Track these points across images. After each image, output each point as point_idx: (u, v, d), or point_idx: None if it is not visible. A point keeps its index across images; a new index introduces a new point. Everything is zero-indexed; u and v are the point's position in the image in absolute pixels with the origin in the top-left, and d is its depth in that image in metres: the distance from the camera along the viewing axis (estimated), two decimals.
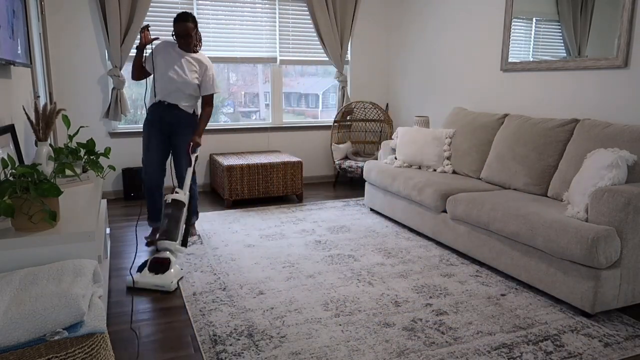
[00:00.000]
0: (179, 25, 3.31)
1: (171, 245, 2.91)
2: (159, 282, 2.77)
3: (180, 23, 3.31)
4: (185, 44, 3.36)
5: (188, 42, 3.36)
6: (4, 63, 2.51)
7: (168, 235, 2.93)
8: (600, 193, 2.49)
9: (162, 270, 2.82)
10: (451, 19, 4.74)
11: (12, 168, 1.93)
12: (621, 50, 3.15)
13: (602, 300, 2.43)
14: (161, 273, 2.80)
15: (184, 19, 3.31)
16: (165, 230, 2.95)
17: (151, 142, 3.47)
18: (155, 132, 3.47)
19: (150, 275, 2.80)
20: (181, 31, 3.31)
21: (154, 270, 2.82)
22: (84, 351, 1.48)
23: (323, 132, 5.76)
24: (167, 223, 2.97)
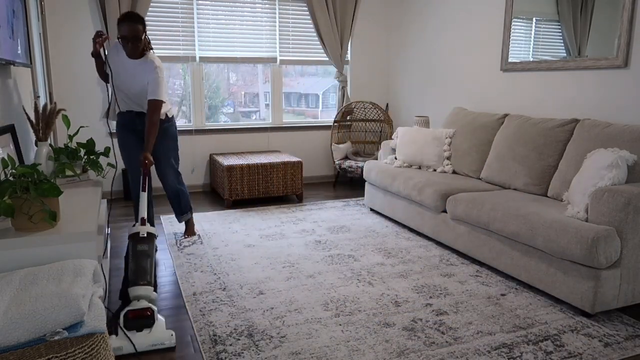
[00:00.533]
0: (127, 27, 2.87)
1: (148, 291, 2.26)
2: (154, 339, 2.19)
3: (128, 24, 2.86)
4: (134, 48, 2.92)
5: (136, 47, 2.93)
6: (4, 63, 2.51)
7: (145, 278, 2.29)
8: (600, 193, 2.49)
9: (147, 324, 2.19)
10: (451, 19, 4.74)
11: (12, 168, 1.93)
12: (621, 50, 3.15)
13: (602, 300, 2.43)
14: (148, 328, 2.20)
15: (133, 20, 2.88)
16: (140, 272, 2.31)
17: (130, 141, 3.24)
18: (132, 135, 3.26)
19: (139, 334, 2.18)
20: (129, 33, 2.87)
21: (135, 327, 2.18)
22: (84, 351, 1.48)
23: (323, 132, 5.76)
24: (142, 263, 2.35)
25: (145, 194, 2.78)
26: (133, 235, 2.45)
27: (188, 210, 3.63)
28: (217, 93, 5.46)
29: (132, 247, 2.40)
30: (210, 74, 5.34)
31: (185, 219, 3.65)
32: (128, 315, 2.17)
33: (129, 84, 3.06)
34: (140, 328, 2.18)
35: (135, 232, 2.46)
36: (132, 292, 2.25)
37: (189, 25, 4.95)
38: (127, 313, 2.17)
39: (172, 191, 3.48)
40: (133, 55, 2.98)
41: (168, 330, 2.24)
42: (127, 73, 3.03)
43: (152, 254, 2.41)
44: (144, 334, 2.18)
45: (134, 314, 2.18)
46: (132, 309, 2.19)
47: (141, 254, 2.37)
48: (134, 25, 2.87)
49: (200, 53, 5.04)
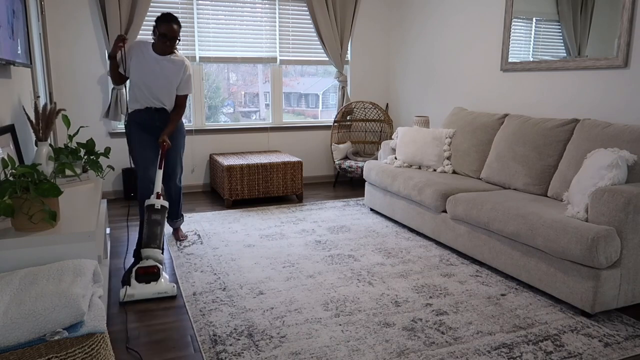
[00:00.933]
0: (168, 27, 3.09)
1: (157, 253, 2.78)
2: (159, 289, 2.67)
3: (169, 24, 3.09)
4: (170, 47, 3.15)
5: (172, 45, 3.15)
6: (4, 63, 2.51)
7: (156, 242, 2.80)
8: (600, 193, 2.49)
9: (154, 278, 2.70)
10: (451, 19, 4.75)
11: (12, 168, 1.93)
12: (621, 50, 3.15)
13: (602, 300, 2.43)
14: (154, 281, 2.69)
15: (174, 21, 3.12)
16: (152, 237, 2.81)
17: (144, 139, 3.27)
18: (148, 134, 3.29)
19: (146, 286, 2.67)
20: (171, 33, 3.10)
21: (144, 281, 2.68)
22: (84, 351, 1.48)
23: (323, 132, 5.76)
24: (155, 230, 2.83)
25: (161, 171, 3.11)
26: (149, 207, 2.89)
27: (181, 215, 3.69)
28: (217, 93, 5.46)
29: (148, 216, 2.86)
30: (210, 74, 5.34)
31: (179, 224, 3.69)
32: (139, 271, 2.69)
33: (156, 79, 3.18)
34: (148, 281, 2.69)
35: (151, 204, 2.90)
36: (144, 252, 2.76)
37: (189, 25, 4.95)
38: (138, 269, 2.69)
39: (175, 191, 3.51)
40: (165, 53, 3.18)
41: (171, 283, 2.76)
42: (154, 69, 3.17)
43: (163, 223, 2.89)
44: (151, 285, 2.68)
45: (142, 270, 2.69)
46: (142, 266, 2.70)
47: (154, 222, 2.85)
48: (176, 27, 3.13)
49: (200, 53, 5.04)
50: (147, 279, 2.69)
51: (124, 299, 2.62)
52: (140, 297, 2.64)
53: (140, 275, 2.69)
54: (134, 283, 2.67)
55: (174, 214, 3.60)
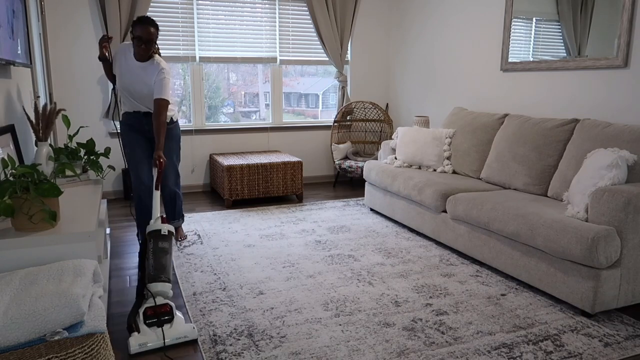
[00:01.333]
0: (142, 29, 2.98)
1: (166, 288, 2.27)
2: (178, 333, 2.23)
3: (144, 26, 2.98)
4: (145, 50, 3.03)
5: (148, 49, 3.03)
6: (4, 63, 2.51)
7: (165, 274, 2.30)
8: (600, 193, 2.49)
9: (167, 320, 2.24)
10: (451, 19, 4.75)
11: (12, 168, 1.93)
12: (621, 50, 3.15)
13: (602, 300, 2.43)
14: (168, 324, 2.24)
15: (149, 23, 3.00)
16: (160, 269, 2.30)
17: (135, 139, 3.26)
18: (138, 135, 3.30)
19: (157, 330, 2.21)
20: (145, 35, 2.98)
21: (155, 323, 2.22)
22: (84, 351, 1.48)
23: (323, 132, 5.76)
24: (162, 260, 2.34)
25: (159, 193, 2.79)
26: (154, 233, 2.42)
27: (180, 217, 3.64)
28: (217, 93, 5.46)
29: (153, 244, 2.38)
30: (210, 74, 5.34)
31: (176, 225, 3.64)
32: (148, 312, 2.21)
33: (135, 85, 3.13)
34: (160, 324, 2.22)
35: (156, 229, 2.43)
36: (152, 288, 2.25)
37: (189, 25, 4.95)
38: (146, 310, 2.21)
39: (169, 193, 3.48)
40: (142, 58, 3.08)
41: (188, 323, 2.31)
42: (133, 74, 3.12)
43: (171, 251, 2.43)
44: (165, 329, 2.22)
45: (153, 310, 2.22)
46: (150, 306, 2.22)
47: (161, 251, 2.37)
48: (150, 28, 3.00)
49: (200, 53, 5.04)
50: (159, 320, 2.22)
51: (135, 350, 2.14)
52: (154, 345, 2.18)
53: (149, 317, 2.21)
54: (144, 329, 2.19)
55: (170, 215, 3.56)
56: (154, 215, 2.62)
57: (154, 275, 2.27)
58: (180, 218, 3.65)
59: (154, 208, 2.70)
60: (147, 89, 3.12)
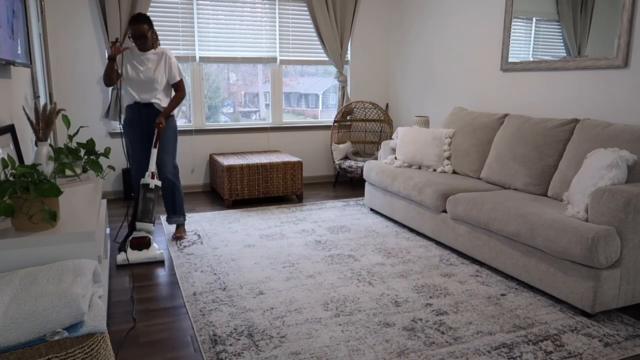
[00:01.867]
0: (134, 27, 3.34)
1: (149, 227, 3.26)
2: (149, 255, 3.21)
3: (135, 25, 3.34)
4: (142, 44, 3.39)
5: (144, 43, 3.39)
6: (4, 63, 2.51)
7: (148, 217, 3.26)
8: (600, 193, 2.49)
9: (145, 247, 3.23)
10: (451, 19, 4.75)
11: (12, 168, 1.93)
12: (621, 50, 3.15)
13: (602, 300, 2.43)
14: (146, 249, 3.23)
15: (139, 20, 3.35)
16: (146, 213, 3.26)
17: (136, 137, 3.53)
18: (137, 130, 3.52)
19: (138, 253, 3.20)
20: (136, 32, 3.34)
21: (137, 248, 3.22)
22: (84, 351, 1.48)
23: (323, 132, 5.76)
24: (148, 206, 3.27)
25: (156, 151, 3.41)
26: (144, 185, 3.31)
27: (182, 214, 3.70)
28: (217, 93, 5.46)
29: (143, 193, 3.30)
30: (210, 74, 5.34)
31: (177, 221, 3.69)
32: (133, 241, 3.23)
33: (145, 72, 3.44)
34: (140, 249, 3.24)
35: (146, 183, 3.31)
36: (138, 225, 3.25)
37: (189, 25, 4.95)
38: (132, 239, 3.23)
39: (167, 183, 3.56)
40: (144, 49, 3.43)
41: (159, 251, 3.28)
42: (143, 64, 3.44)
43: (156, 200, 3.33)
44: (143, 252, 3.23)
45: (135, 240, 3.24)
46: (136, 236, 3.24)
47: (148, 200, 3.29)
48: (139, 25, 3.34)
49: (200, 53, 5.04)
50: (140, 247, 3.23)
51: (120, 263, 3.16)
52: (134, 261, 3.18)
53: (134, 245, 3.22)
54: (129, 250, 3.21)
55: (170, 209, 3.66)
56: (150, 169, 3.36)
57: (140, 216, 3.27)
58: (182, 215, 3.70)
59: (150, 164, 3.38)
60: (155, 74, 3.43)
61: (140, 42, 3.37)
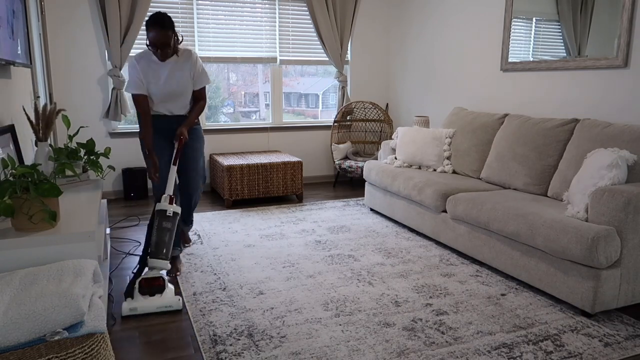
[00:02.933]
0: (156, 34, 2.69)
1: (165, 265, 2.61)
2: (164, 302, 2.53)
3: (157, 31, 2.69)
4: (164, 54, 2.78)
5: (166, 52, 2.78)
6: (4, 63, 2.51)
7: (164, 252, 2.61)
8: (600, 193, 2.49)
9: (158, 291, 2.55)
10: (451, 18, 4.75)
11: (12, 168, 1.93)
12: (621, 50, 3.15)
13: (602, 300, 2.43)
14: (159, 294, 2.55)
15: (163, 26, 2.70)
16: (161, 247, 2.61)
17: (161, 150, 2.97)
18: (162, 139, 3.01)
19: (149, 299, 2.53)
20: (158, 41, 2.71)
21: (148, 293, 2.54)
22: (84, 351, 1.48)
23: (323, 132, 5.76)
24: (164, 238, 2.62)
25: (175, 168, 2.82)
26: (160, 212, 2.65)
27: (191, 222, 3.41)
28: (217, 93, 5.46)
29: (158, 222, 2.63)
30: (210, 74, 5.33)
31: (186, 230, 3.47)
32: (142, 283, 2.55)
33: (169, 85, 2.89)
34: (152, 293, 2.55)
35: (163, 209, 2.65)
36: (150, 262, 2.59)
37: (189, 25, 4.95)
38: (141, 281, 2.55)
39: (192, 202, 3.16)
40: (165, 59, 2.83)
41: (176, 296, 2.58)
42: (165, 76, 2.88)
43: (174, 231, 2.67)
44: (156, 298, 2.54)
45: (148, 282, 2.55)
46: (146, 277, 2.56)
47: (165, 230, 2.63)
48: (164, 32, 2.70)
49: (200, 53, 5.04)
50: (152, 291, 2.54)
51: (125, 313, 2.49)
52: (142, 311, 2.51)
53: (143, 288, 2.54)
54: (137, 296, 2.53)
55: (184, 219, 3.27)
56: (167, 191, 2.76)
57: (154, 251, 2.60)
58: (190, 223, 3.43)
59: (168, 184, 2.78)
60: (182, 86, 2.92)
61: (162, 52, 2.76)
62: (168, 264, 2.61)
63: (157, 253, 2.60)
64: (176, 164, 2.84)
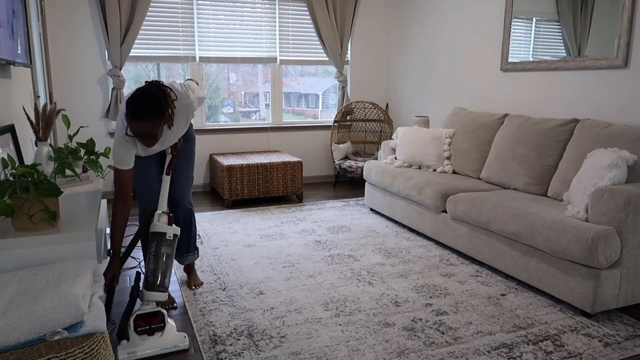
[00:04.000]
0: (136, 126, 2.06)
1: (162, 297, 2.17)
2: (167, 342, 2.15)
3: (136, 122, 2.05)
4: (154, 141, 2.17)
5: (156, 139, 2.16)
6: (4, 63, 2.51)
7: (163, 284, 2.18)
8: (600, 193, 2.49)
9: (159, 329, 2.16)
10: (451, 18, 4.75)
11: (12, 168, 1.93)
12: (621, 50, 3.15)
13: (602, 300, 2.43)
14: (160, 332, 2.16)
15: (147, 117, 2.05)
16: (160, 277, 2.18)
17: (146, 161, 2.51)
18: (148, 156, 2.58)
19: (149, 339, 2.14)
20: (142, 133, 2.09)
21: (146, 332, 2.13)
22: (84, 351, 1.48)
23: (323, 132, 5.76)
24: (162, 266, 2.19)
25: (169, 179, 2.39)
26: (157, 235, 2.21)
27: (195, 250, 2.85)
28: (217, 93, 5.46)
29: (156, 247, 2.20)
30: (210, 74, 5.34)
31: (191, 259, 2.85)
32: (138, 321, 2.13)
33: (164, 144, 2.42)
34: (151, 332, 2.15)
35: (161, 231, 2.21)
36: (147, 296, 2.15)
37: (189, 25, 4.95)
38: (136, 318, 2.13)
39: (183, 213, 2.70)
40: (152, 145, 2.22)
41: (180, 332, 2.23)
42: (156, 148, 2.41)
43: (173, 256, 2.26)
44: (156, 338, 2.15)
45: (144, 319, 2.14)
46: (142, 313, 2.14)
47: (163, 257, 2.21)
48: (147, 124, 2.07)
49: (200, 53, 5.04)
50: (151, 330, 2.14)
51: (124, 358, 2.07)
52: (143, 355, 2.10)
53: (140, 326, 2.13)
54: (134, 337, 2.12)
55: (184, 246, 2.77)
56: (160, 207, 2.33)
57: (151, 281, 2.17)
58: (195, 251, 2.85)
59: (161, 198, 2.36)
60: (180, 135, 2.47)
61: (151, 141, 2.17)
62: (166, 296, 2.20)
63: (154, 285, 2.16)
64: (169, 173, 2.40)
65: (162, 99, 2.11)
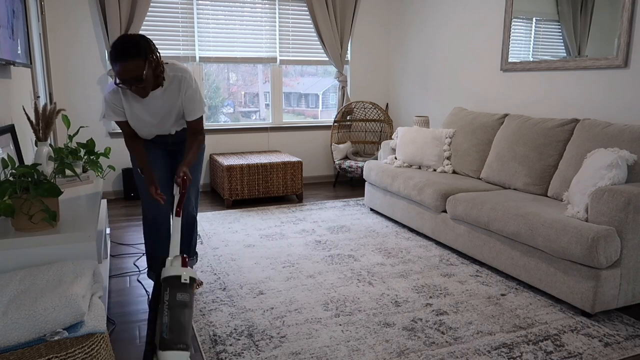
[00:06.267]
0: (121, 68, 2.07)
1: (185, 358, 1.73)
2: None
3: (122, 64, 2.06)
4: (142, 88, 2.17)
5: (142, 88, 2.17)
6: (4, 63, 2.51)
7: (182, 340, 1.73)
8: (600, 193, 2.49)
9: None
10: (451, 18, 4.75)
11: (12, 168, 1.93)
12: (621, 50, 3.15)
13: (602, 300, 2.43)
14: None
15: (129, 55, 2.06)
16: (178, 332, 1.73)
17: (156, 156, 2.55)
18: (158, 146, 2.62)
19: None
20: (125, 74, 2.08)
21: None
22: (84, 351, 1.48)
23: (323, 132, 5.76)
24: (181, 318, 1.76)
25: (179, 221, 2.08)
26: (171, 280, 1.82)
27: (195, 254, 2.91)
28: (217, 93, 5.46)
29: (170, 295, 1.80)
30: (210, 74, 5.34)
31: (191, 264, 2.88)
32: None
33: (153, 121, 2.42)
34: None
35: (176, 275, 1.83)
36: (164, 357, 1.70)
37: (189, 25, 4.95)
38: None
39: (188, 219, 2.76)
40: (146, 95, 2.22)
41: None
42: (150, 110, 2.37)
43: (192, 304, 1.85)
44: None
45: None
46: None
47: (180, 306, 1.79)
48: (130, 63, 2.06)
49: (200, 53, 5.04)
50: None
51: None
52: None
53: None
54: None
55: (184, 250, 2.84)
56: (173, 252, 1.99)
57: (169, 340, 1.71)
58: (195, 256, 2.90)
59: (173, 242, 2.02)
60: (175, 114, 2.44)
61: (138, 87, 2.14)
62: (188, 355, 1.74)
63: (173, 342, 1.71)
64: (180, 215, 2.11)
65: (143, 43, 2.13)
